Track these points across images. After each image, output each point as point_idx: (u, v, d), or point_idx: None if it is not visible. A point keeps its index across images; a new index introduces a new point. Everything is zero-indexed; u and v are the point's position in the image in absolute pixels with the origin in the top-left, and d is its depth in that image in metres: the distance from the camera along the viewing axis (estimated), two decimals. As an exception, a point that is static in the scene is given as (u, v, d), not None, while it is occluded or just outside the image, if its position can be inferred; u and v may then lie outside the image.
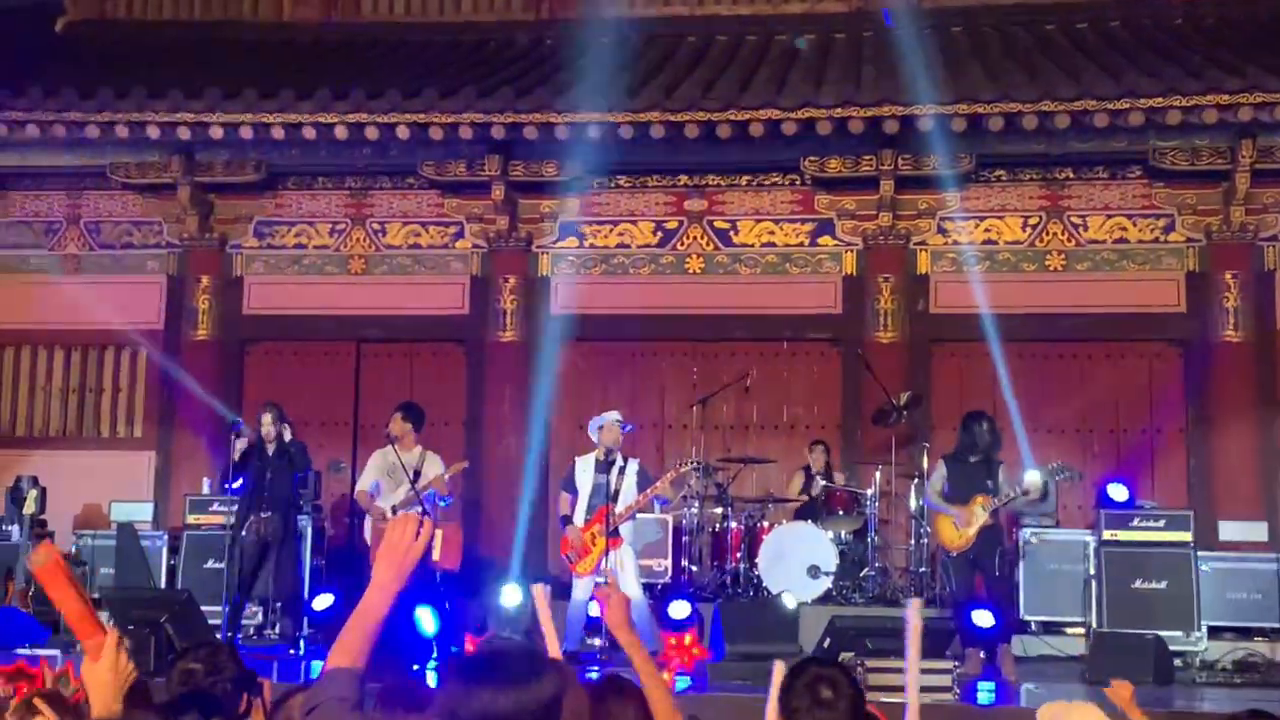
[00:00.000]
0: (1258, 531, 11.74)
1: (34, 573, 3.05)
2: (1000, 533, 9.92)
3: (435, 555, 2.70)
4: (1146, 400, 12.79)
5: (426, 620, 9.86)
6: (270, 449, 10.43)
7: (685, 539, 11.80)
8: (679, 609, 10.63)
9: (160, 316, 13.75)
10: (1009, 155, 12.67)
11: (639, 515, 10.56)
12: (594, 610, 9.88)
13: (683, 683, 8.73)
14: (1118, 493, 11.13)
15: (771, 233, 13.27)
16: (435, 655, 9.20)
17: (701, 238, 13.33)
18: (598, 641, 9.90)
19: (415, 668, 8.74)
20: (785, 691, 3.39)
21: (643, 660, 3.60)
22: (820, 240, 13.18)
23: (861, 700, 3.41)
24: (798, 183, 13.13)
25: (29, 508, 11.73)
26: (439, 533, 2.84)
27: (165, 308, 13.76)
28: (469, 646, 3.79)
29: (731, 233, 13.32)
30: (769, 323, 13.10)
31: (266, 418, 10.44)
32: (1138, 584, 10.56)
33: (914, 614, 3.94)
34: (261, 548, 10.35)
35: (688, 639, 7.11)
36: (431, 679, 6.97)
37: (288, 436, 10.41)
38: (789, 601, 10.41)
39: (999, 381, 12.75)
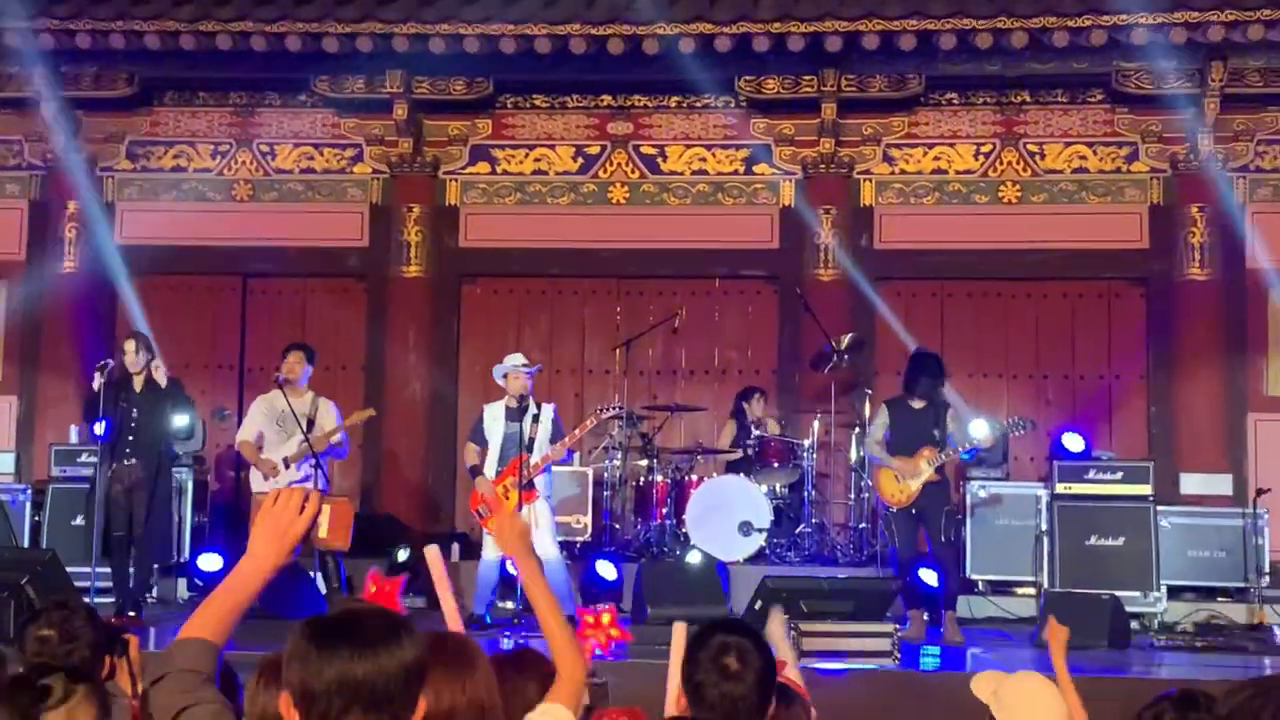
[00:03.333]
0: (1222, 485, 11.91)
1: None
2: (947, 487, 9.96)
3: (322, 533, 2.61)
4: (1105, 343, 12.90)
5: (318, 585, 9.80)
6: (137, 384, 10.07)
7: (607, 493, 11.77)
8: (606, 569, 10.62)
9: (21, 246, 13.37)
10: (961, 77, 12.64)
11: (556, 468, 10.52)
12: (511, 569, 9.83)
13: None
14: (1073, 443, 11.22)
15: (703, 159, 13.18)
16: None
17: (626, 164, 13.21)
18: (510, 605, 9.87)
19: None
20: (689, 662, 3.33)
21: (547, 606, 3.46)
22: (756, 168, 13.11)
23: (772, 670, 3.37)
24: (732, 105, 13.04)
25: (-127, 458, 11.45)
26: (326, 508, 2.75)
27: (27, 236, 13.40)
28: (372, 586, 3.68)
29: (659, 159, 13.20)
30: (699, 258, 13.03)
31: (129, 345, 10.01)
32: (1093, 540, 10.69)
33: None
34: (129, 499, 10.00)
35: (605, 617, 7.03)
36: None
37: (161, 372, 10.06)
38: (695, 559, 10.44)
39: (947, 323, 12.84)
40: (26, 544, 11.17)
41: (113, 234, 13.35)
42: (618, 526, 11.81)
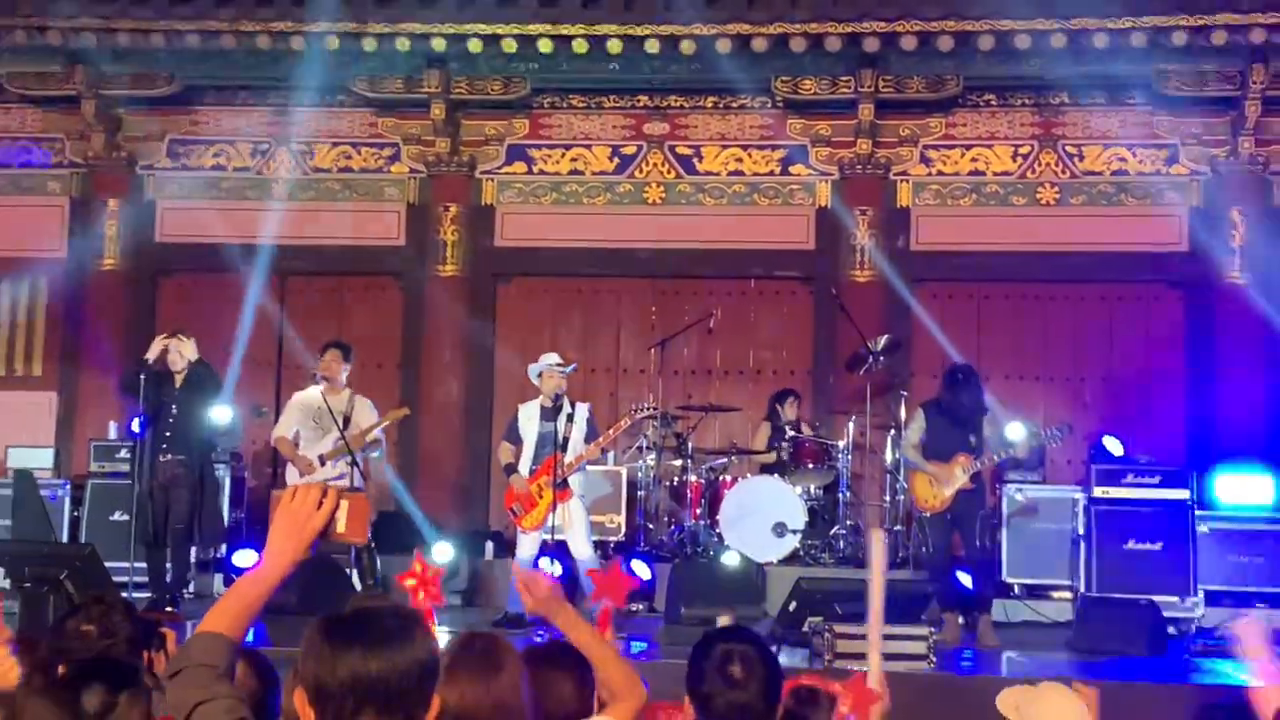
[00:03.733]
0: (1261, 489, 11.79)
1: None
2: (982, 492, 9.92)
3: (340, 528, 2.63)
4: (1144, 346, 12.81)
5: (355, 582, 9.83)
6: (176, 380, 10.13)
7: (641, 493, 11.76)
8: (639, 569, 10.61)
9: (62, 243, 13.48)
10: (1000, 78, 12.60)
11: (590, 467, 10.52)
12: (544, 566, 9.84)
13: (637, 646, 8.72)
14: (1113, 446, 11.18)
15: (739, 160, 13.17)
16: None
17: (662, 164, 13.21)
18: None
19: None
20: (693, 670, 3.33)
21: (583, 634, 3.54)
22: (792, 169, 13.08)
23: (777, 675, 3.35)
24: (768, 105, 13.01)
25: (-85, 452, 11.55)
26: (344, 504, 2.77)
27: (68, 233, 13.50)
28: (417, 566, 3.71)
29: (695, 159, 13.19)
30: (735, 258, 13.02)
31: (174, 342, 10.11)
32: (1130, 545, 10.60)
33: (877, 544, 3.85)
34: (166, 495, 10.07)
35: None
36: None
37: (189, 346, 10.12)
38: (731, 561, 10.41)
39: (984, 325, 12.78)
40: (66, 539, 11.27)
41: (153, 232, 13.45)
42: (651, 526, 11.80)
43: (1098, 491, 10.75)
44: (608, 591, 3.92)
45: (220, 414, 10.24)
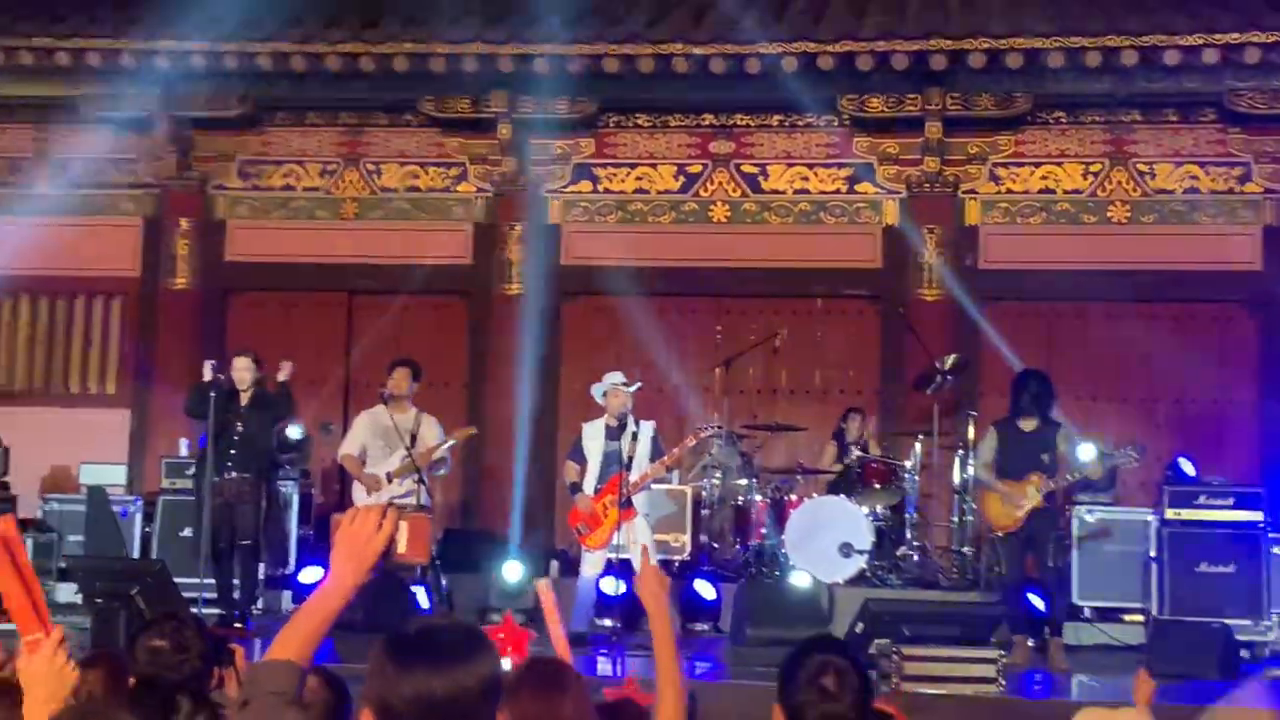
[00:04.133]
0: (1336, 512, 11.61)
1: None
2: (1056, 514, 9.84)
3: (401, 548, 2.65)
4: (1216, 366, 12.63)
5: (420, 599, 9.86)
6: (243, 398, 10.23)
7: (705, 512, 11.72)
8: (704, 589, 10.60)
9: (136, 262, 13.69)
10: (1069, 95, 12.48)
11: (654, 486, 10.51)
12: (606, 587, 9.84)
13: (701, 666, 8.69)
14: (1187, 467, 11.06)
15: (805, 178, 13.13)
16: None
17: (728, 183, 13.20)
18: (609, 622, 9.85)
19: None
20: (787, 681, 3.32)
21: (666, 648, 3.54)
22: (859, 187, 13.04)
23: (869, 690, 3.34)
24: (834, 123, 12.97)
25: (-9, 469, 11.74)
26: (404, 524, 2.79)
27: (141, 253, 13.70)
28: (501, 634, 3.76)
29: (761, 178, 13.18)
30: (801, 277, 12.98)
31: (240, 363, 10.19)
32: (1203, 567, 10.45)
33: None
34: (231, 512, 10.14)
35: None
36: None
37: (285, 370, 10.23)
38: (801, 581, 10.35)
39: (1054, 344, 12.65)
40: (137, 555, 11.40)
41: (223, 251, 13.61)
42: (716, 546, 11.76)
43: (1170, 513, 10.60)
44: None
45: (291, 431, 10.34)
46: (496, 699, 2.44)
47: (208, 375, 10.17)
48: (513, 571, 10.66)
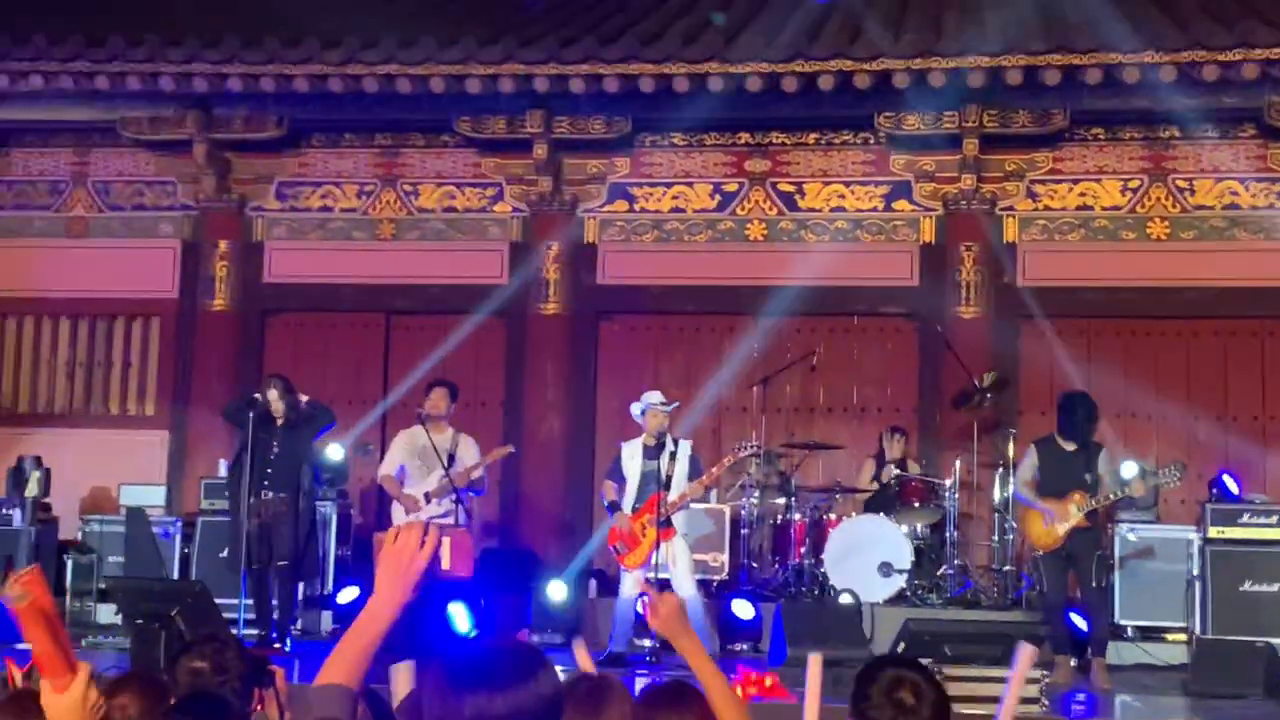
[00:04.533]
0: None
1: (9, 608, 3.00)
2: (1099, 532, 9.77)
3: (445, 564, 2.62)
4: (1259, 383, 12.52)
5: (460, 618, 9.85)
6: (279, 420, 10.27)
7: (744, 531, 11.70)
8: (743, 609, 10.55)
9: (174, 284, 13.78)
10: (1107, 111, 12.41)
11: (693, 505, 10.49)
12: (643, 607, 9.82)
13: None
14: (1231, 485, 10.96)
15: (842, 196, 13.11)
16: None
17: (764, 201, 13.19)
18: (648, 643, 9.83)
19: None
20: (859, 697, 3.27)
21: (704, 665, 3.51)
22: (895, 205, 13.00)
23: (946, 704, 3.29)
24: (871, 141, 12.96)
25: (32, 490, 11.78)
26: (446, 540, 2.77)
27: (179, 275, 13.78)
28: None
29: (797, 196, 13.16)
30: (838, 295, 12.93)
31: (272, 394, 10.19)
32: (1246, 586, 10.36)
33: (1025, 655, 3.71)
34: (267, 532, 10.16)
35: (768, 681, 7.14)
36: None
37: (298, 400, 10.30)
38: (844, 600, 10.30)
39: (1094, 361, 12.57)
40: (176, 576, 11.44)
41: (261, 272, 13.69)
42: (755, 565, 11.73)
43: (1213, 532, 10.52)
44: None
45: (332, 452, 10.37)
46: (557, 718, 2.42)
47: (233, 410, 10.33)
48: (557, 591, 10.65)
